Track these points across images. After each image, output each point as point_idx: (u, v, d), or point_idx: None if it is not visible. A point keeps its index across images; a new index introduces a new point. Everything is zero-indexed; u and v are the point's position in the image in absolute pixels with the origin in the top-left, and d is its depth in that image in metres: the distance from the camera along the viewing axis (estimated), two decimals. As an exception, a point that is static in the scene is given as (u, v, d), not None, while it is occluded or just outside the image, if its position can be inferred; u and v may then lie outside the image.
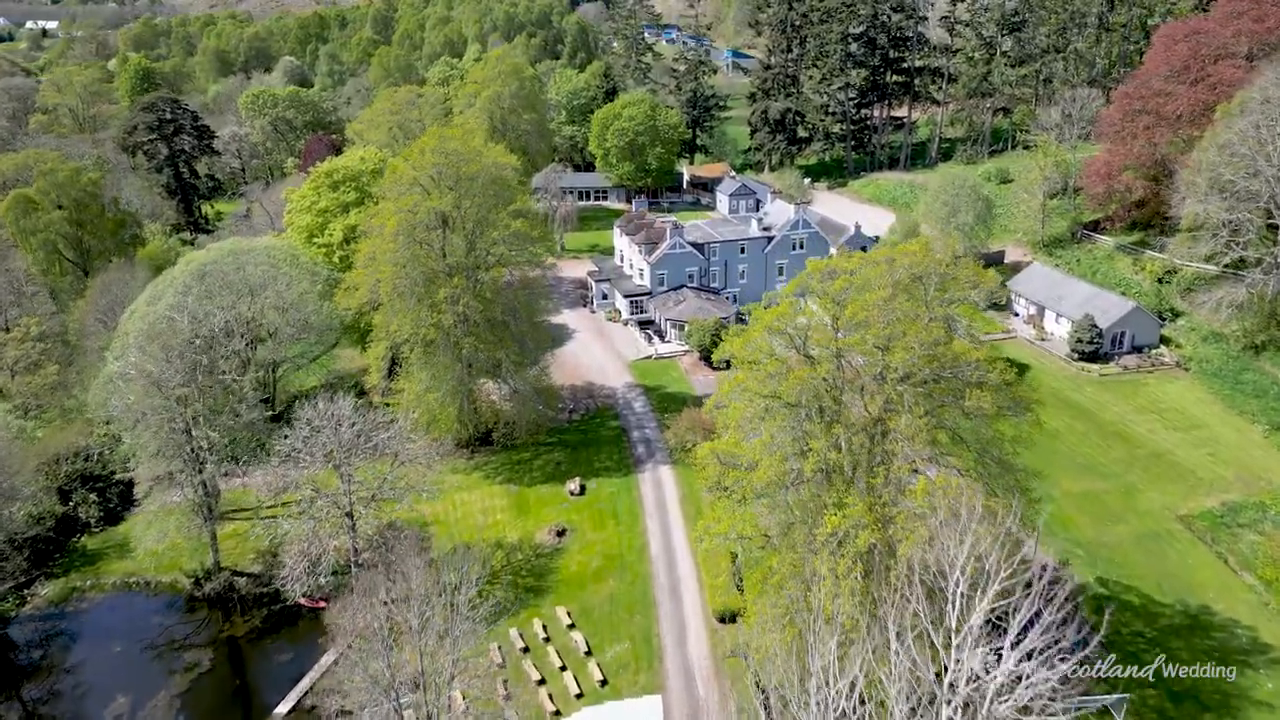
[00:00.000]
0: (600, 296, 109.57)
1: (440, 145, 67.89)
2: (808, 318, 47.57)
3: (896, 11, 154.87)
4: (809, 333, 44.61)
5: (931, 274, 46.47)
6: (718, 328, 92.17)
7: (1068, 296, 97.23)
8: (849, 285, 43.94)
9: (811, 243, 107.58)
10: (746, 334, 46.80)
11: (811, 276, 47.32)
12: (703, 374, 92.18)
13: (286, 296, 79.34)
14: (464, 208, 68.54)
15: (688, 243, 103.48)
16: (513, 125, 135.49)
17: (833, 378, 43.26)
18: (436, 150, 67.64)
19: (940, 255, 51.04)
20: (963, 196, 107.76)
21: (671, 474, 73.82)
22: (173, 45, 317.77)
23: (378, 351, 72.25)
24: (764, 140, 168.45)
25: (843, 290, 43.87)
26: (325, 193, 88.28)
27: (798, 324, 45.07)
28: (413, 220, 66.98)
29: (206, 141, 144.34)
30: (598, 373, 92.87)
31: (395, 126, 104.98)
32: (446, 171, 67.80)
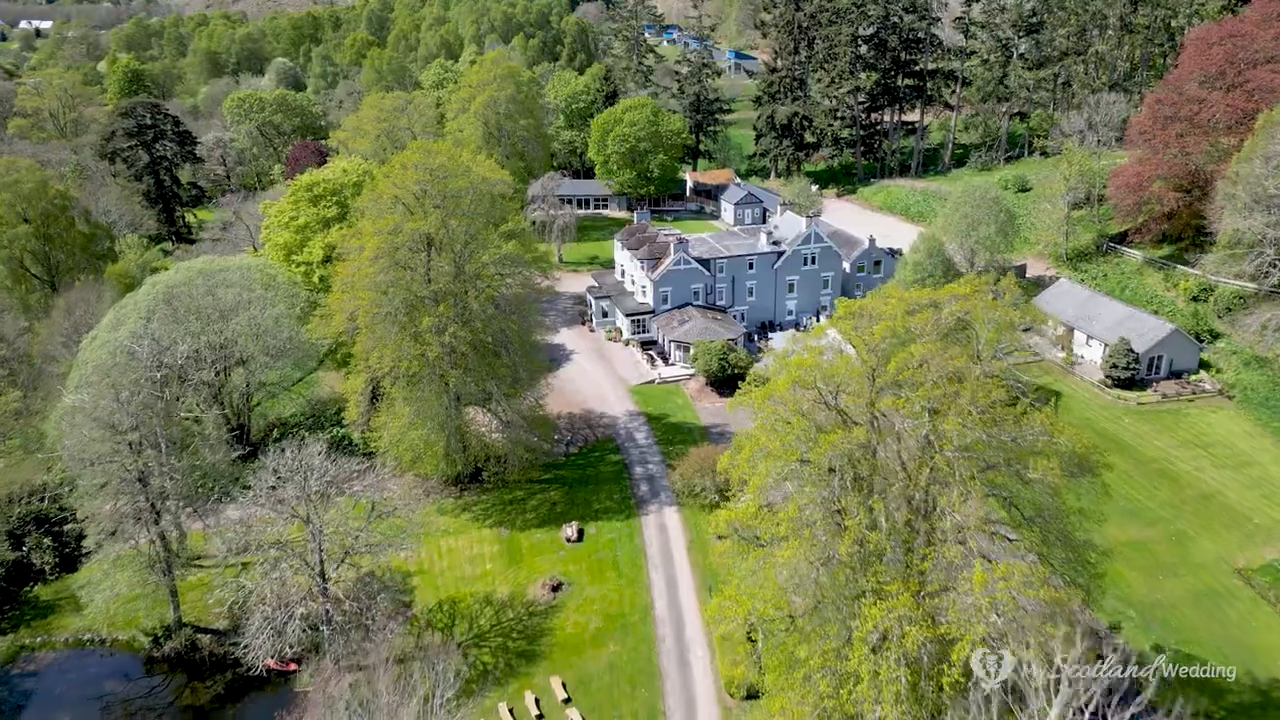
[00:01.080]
0: (600, 314, 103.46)
1: (425, 160, 61.78)
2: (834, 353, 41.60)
3: (909, 12, 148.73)
4: (842, 385, 38.43)
5: (984, 320, 40.32)
6: (725, 351, 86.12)
7: (1099, 317, 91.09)
8: (890, 334, 37.74)
9: (824, 257, 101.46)
10: (769, 388, 40.58)
11: (843, 320, 41.08)
12: (709, 401, 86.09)
13: (261, 321, 73.22)
14: (451, 228, 62.44)
15: (693, 258, 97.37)
16: (509, 131, 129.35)
17: (871, 443, 37.09)
18: (420, 166, 61.53)
19: (989, 297, 44.34)
20: (984, 208, 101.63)
21: (677, 517, 67.69)
22: (165, 46, 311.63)
23: (356, 384, 66.15)
24: (770, 145, 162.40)
25: (883, 340, 37.69)
26: (305, 207, 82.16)
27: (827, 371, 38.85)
28: (394, 242, 60.87)
29: (189, 148, 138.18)
30: (597, 399, 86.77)
31: (383, 135, 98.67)
32: (431, 189, 61.68)
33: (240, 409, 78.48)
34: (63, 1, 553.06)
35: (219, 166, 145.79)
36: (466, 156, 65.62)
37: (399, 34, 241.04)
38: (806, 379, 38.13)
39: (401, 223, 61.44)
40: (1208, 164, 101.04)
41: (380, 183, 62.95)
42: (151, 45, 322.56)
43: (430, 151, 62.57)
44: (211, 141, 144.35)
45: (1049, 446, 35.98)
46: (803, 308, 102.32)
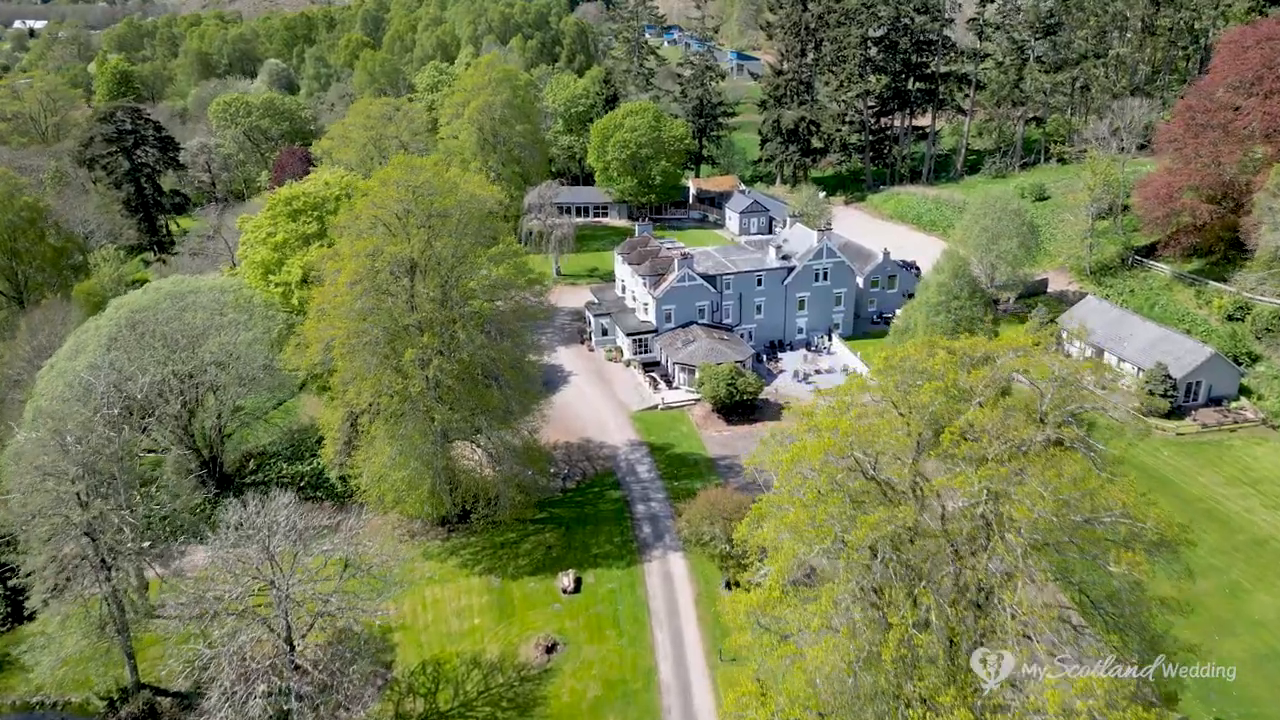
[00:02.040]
0: (600, 332, 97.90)
1: (407, 177, 56.23)
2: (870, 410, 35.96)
3: (920, 13, 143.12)
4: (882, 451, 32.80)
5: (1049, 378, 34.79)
6: (733, 376, 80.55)
7: (1131, 338, 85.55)
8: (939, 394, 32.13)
9: (836, 273, 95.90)
10: (797, 449, 34.93)
11: (884, 374, 35.44)
12: (716, 429, 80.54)
13: (233, 347, 67.67)
14: (436, 251, 56.92)
15: (697, 274, 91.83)
16: (504, 137, 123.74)
17: (919, 523, 31.51)
18: (402, 183, 55.99)
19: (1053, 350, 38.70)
20: (1005, 221, 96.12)
21: (683, 564, 62.16)
22: (157, 46, 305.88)
23: (333, 419, 60.57)
24: (776, 151, 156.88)
25: (931, 402, 32.08)
26: (283, 223, 76.63)
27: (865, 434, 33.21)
28: (373, 267, 55.34)
29: (171, 154, 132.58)
30: (596, 427, 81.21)
31: (369, 143, 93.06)
32: (415, 208, 56.15)
33: (213, 440, 72.91)
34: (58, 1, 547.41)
35: (203, 173, 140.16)
36: (454, 172, 60.11)
37: (394, 35, 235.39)
38: (841, 445, 32.46)
39: (382, 245, 55.89)
40: (1242, 174, 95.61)
41: (359, 202, 57.41)
42: (144, 46, 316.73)
43: (414, 167, 57.01)
44: (196, 147, 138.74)
45: (1132, 531, 30.45)
46: (814, 326, 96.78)
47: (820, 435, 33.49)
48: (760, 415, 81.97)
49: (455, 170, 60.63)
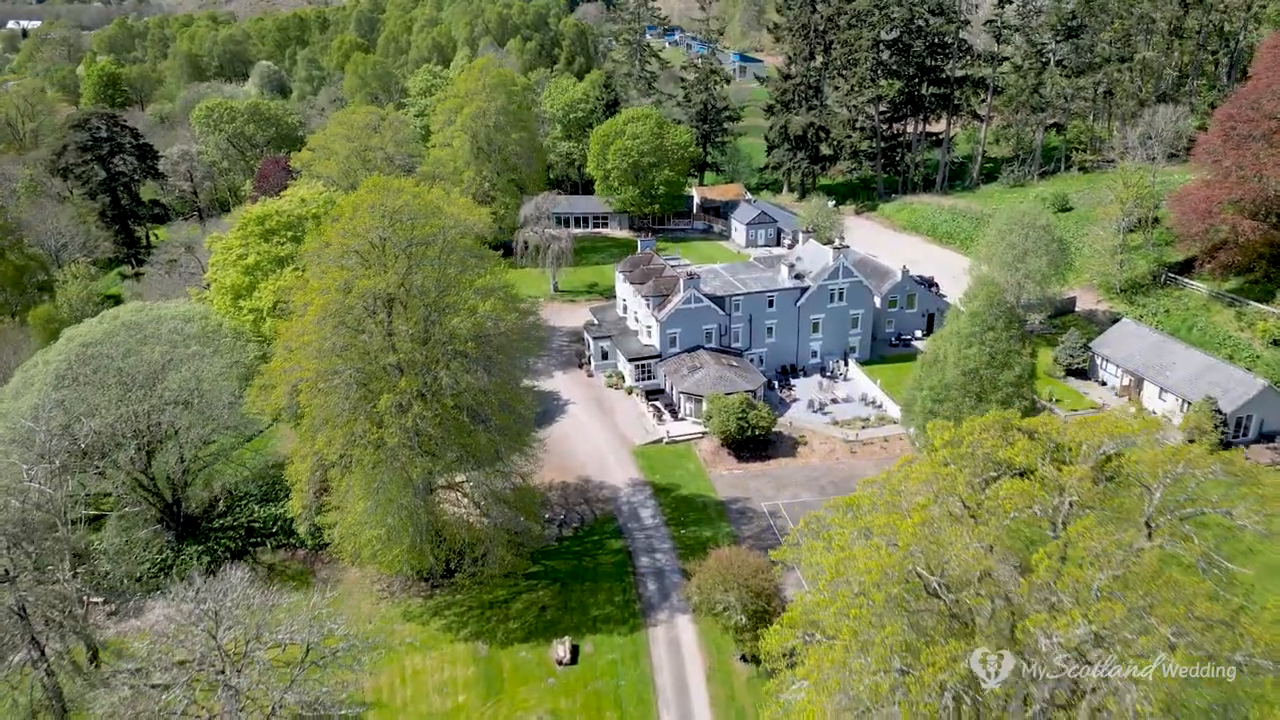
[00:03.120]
0: (600, 356, 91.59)
1: (383, 201, 49.91)
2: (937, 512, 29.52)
3: (935, 15, 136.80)
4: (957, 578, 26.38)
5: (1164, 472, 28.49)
6: (744, 409, 74.22)
7: (1173, 367, 79.21)
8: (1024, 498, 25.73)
9: (853, 293, 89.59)
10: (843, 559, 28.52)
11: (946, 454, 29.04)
12: (726, 466, 74.23)
13: (196, 385, 61.38)
14: (416, 283, 50.61)
15: (704, 295, 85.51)
16: (499, 146, 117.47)
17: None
18: (377, 208, 49.67)
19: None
20: (1033, 237, 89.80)
21: (693, 631, 55.85)
22: (148, 47, 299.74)
23: (301, 470, 54.20)
24: (783, 158, 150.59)
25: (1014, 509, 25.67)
26: (255, 243, 70.35)
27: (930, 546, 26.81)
28: (344, 303, 49.03)
29: (150, 162, 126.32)
30: (595, 464, 74.91)
31: (353, 155, 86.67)
32: (392, 237, 49.84)
33: (177, 482, 66.50)
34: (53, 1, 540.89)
35: (184, 182, 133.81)
36: (436, 193, 53.77)
37: (389, 36, 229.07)
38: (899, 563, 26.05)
39: (354, 278, 49.58)
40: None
41: (328, 229, 51.10)
42: (135, 47, 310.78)
43: (390, 190, 50.68)
44: (176, 155, 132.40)
45: (1277, 681, 24.17)
46: (828, 349, 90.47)
47: (874, 544, 27.03)
48: (774, 451, 75.69)
49: (438, 191, 54.29)
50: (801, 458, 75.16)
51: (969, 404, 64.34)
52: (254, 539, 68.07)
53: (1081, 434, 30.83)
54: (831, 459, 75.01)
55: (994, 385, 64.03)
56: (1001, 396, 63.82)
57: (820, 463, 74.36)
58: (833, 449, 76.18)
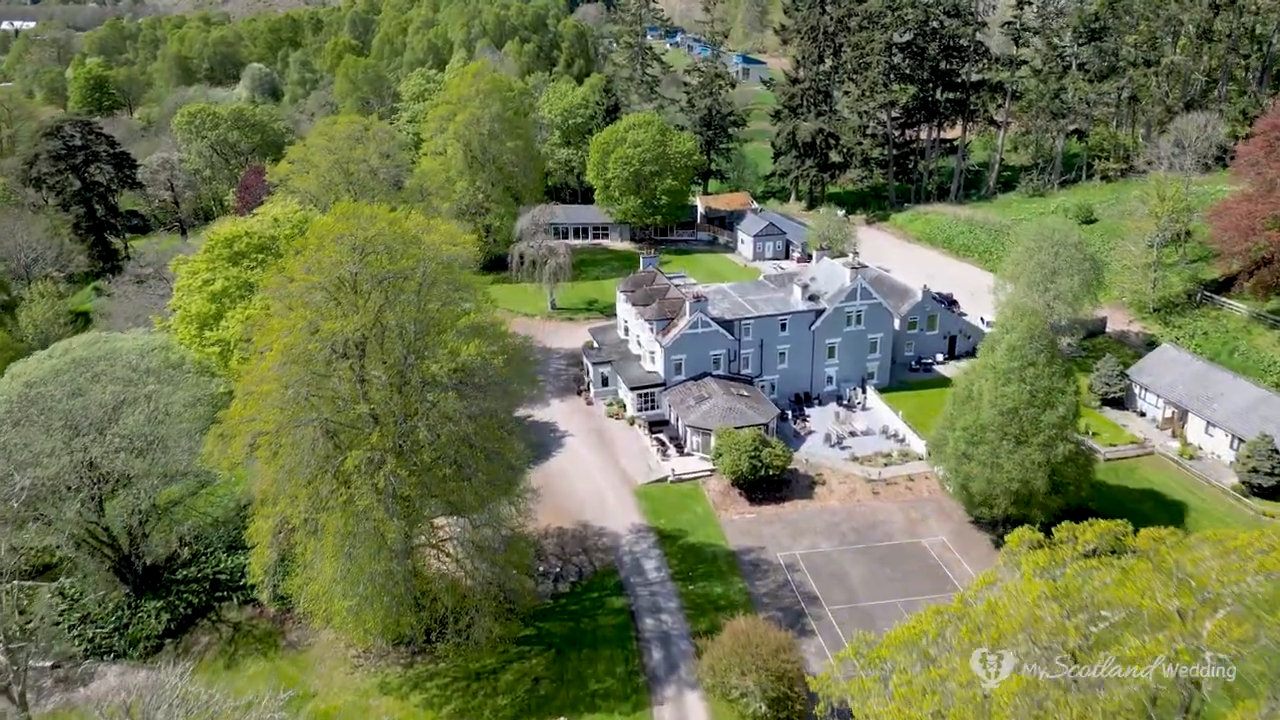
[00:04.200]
0: (600, 382, 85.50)
1: (353, 231, 43.81)
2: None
3: (951, 16, 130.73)
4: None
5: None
6: (757, 446, 68.08)
7: (1222, 398, 73.07)
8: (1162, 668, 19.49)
9: (871, 315, 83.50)
10: None
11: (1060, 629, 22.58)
12: (737, 509, 68.12)
13: (151, 428, 55.30)
14: (390, 325, 44.53)
15: (712, 319, 79.43)
16: (494, 155, 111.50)
17: None
18: (346, 240, 43.57)
19: None
20: (1065, 255, 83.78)
21: (704, 713, 49.67)
22: (140, 49, 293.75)
23: (263, 529, 47.97)
24: (790, 165, 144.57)
25: None
26: (223, 267, 64.31)
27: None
28: (306, 348, 42.95)
29: (127, 172, 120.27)
30: (595, 506, 68.80)
31: (335, 168, 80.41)
32: (363, 271, 43.78)
33: (134, 532, 60.36)
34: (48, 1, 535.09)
35: (164, 191, 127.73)
36: (415, 220, 47.69)
37: (383, 38, 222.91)
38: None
39: (319, 318, 43.48)
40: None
41: (290, 263, 45.02)
42: (127, 49, 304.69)
43: (362, 218, 44.58)
44: (156, 163, 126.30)
45: None
46: (845, 376, 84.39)
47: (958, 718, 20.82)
48: (789, 492, 69.59)
49: (417, 217, 48.20)
50: (819, 499, 69.07)
51: (1007, 447, 58.31)
52: (219, 592, 62.05)
53: (1216, 564, 24.59)
54: (852, 500, 68.90)
55: (1035, 427, 57.93)
56: (1044, 440, 57.78)
57: (840, 505, 68.24)
58: (853, 489, 70.07)
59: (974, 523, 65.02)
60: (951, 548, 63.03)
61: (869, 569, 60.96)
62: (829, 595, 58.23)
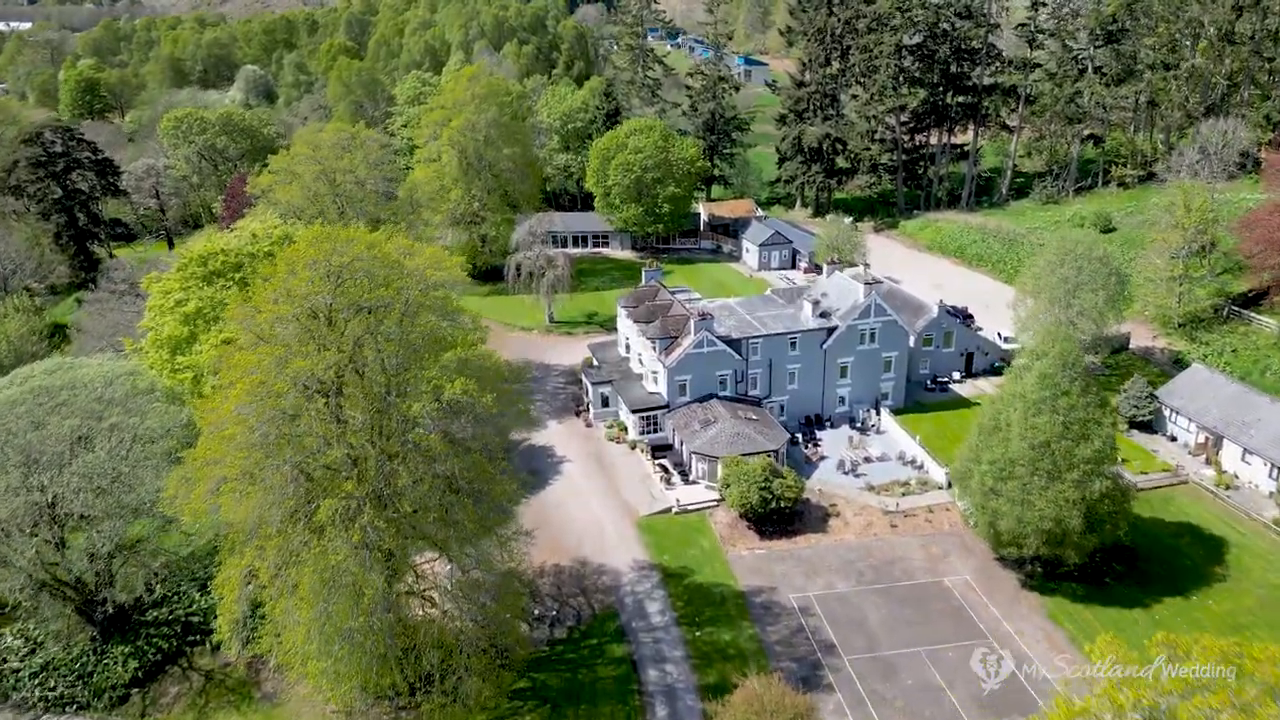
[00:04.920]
0: (600, 403, 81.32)
1: (326, 257, 39.62)
2: None
3: (963, 18, 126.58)
4: None
5: None
6: (767, 476, 63.86)
7: (1259, 424, 68.81)
8: None
9: (886, 334, 79.30)
10: None
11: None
12: (746, 544, 63.91)
13: (113, 464, 51.15)
14: (368, 361, 40.34)
15: (718, 338, 75.23)
16: (490, 162, 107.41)
17: None
18: (319, 267, 39.39)
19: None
20: (1089, 270, 79.64)
21: (714, 778, 45.50)
22: (134, 51, 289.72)
23: (231, 579, 43.70)
24: (796, 171, 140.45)
25: None
26: (196, 287, 60.14)
27: None
28: (274, 388, 38.75)
29: (110, 179, 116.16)
30: (594, 540, 64.59)
31: (319, 178, 75.98)
32: (338, 302, 39.62)
33: (100, 572, 56.13)
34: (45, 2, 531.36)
35: (150, 199, 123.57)
36: (398, 244, 43.50)
37: (380, 39, 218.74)
38: None
39: (289, 355, 39.29)
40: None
41: (258, 291, 40.83)
42: (121, 50, 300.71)
43: (337, 242, 40.36)
44: (141, 170, 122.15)
45: None
46: (858, 397, 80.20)
47: None
48: (801, 525, 65.36)
49: (400, 240, 44.07)
50: (834, 533, 64.84)
51: (1038, 483, 54.11)
52: (191, 636, 57.86)
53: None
54: (869, 534, 64.67)
55: (1069, 461, 53.72)
56: (1078, 475, 53.59)
57: (856, 540, 64.01)
58: (869, 521, 65.84)
59: (999, 559, 60.81)
60: (976, 587, 58.82)
61: (889, 612, 56.75)
62: (847, 643, 54.01)
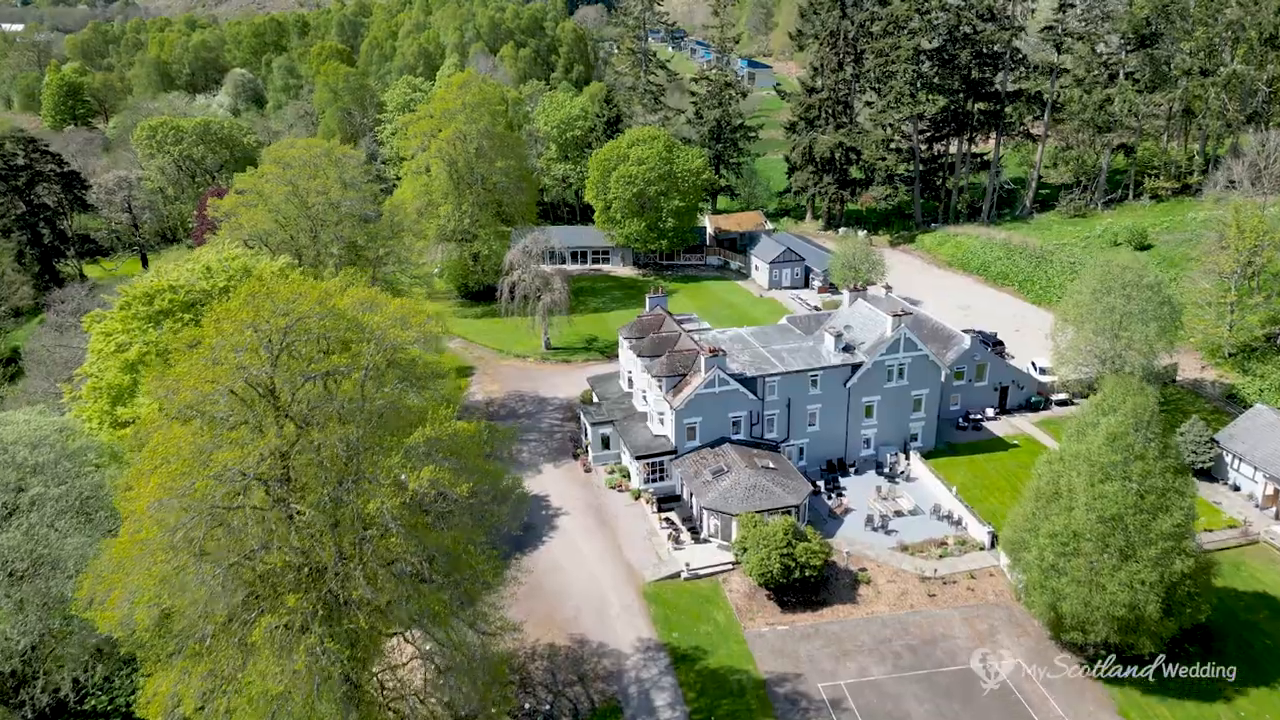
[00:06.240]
0: (599, 444, 73.88)
1: (265, 319, 32.13)
2: None
3: (985, 20, 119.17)
4: None
5: None
6: (789, 540, 56.37)
7: (1340, 477, 61.41)
8: None
9: (917, 370, 71.80)
10: None
11: None
12: (765, 618, 56.41)
13: (31, 544, 43.73)
14: (317, 446, 32.86)
15: (731, 376, 67.75)
16: (482, 175, 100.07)
17: None
18: (259, 331, 31.93)
19: None
20: (1138, 298, 72.30)
21: None
22: (122, 53, 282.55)
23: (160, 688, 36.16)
24: (806, 181, 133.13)
25: None
26: (140, 330, 52.67)
27: None
28: (197, 485, 31.29)
29: (78, 193, 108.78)
30: (593, 612, 57.10)
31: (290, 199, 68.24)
32: (279, 374, 32.17)
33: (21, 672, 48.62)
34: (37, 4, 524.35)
35: (121, 213, 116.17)
36: (357, 295, 36.02)
37: (372, 42, 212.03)
38: None
39: (217, 441, 31.85)
40: None
41: (179, 365, 33.36)
42: (109, 53, 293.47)
43: (279, 298, 32.90)
44: (112, 182, 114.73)
45: None
46: (885, 439, 72.77)
47: None
48: (827, 594, 57.87)
49: (359, 290, 36.62)
50: (864, 603, 57.37)
51: (1109, 562, 46.65)
52: (134, 731, 50.42)
53: None
54: (904, 605, 57.19)
55: (1145, 537, 46.26)
56: (1156, 554, 46.11)
57: (889, 612, 56.54)
58: (904, 590, 58.37)
59: (1054, 638, 53.35)
60: (1032, 676, 51.32)
61: (933, 706, 49.29)
62: (887, 748, 46.59)
